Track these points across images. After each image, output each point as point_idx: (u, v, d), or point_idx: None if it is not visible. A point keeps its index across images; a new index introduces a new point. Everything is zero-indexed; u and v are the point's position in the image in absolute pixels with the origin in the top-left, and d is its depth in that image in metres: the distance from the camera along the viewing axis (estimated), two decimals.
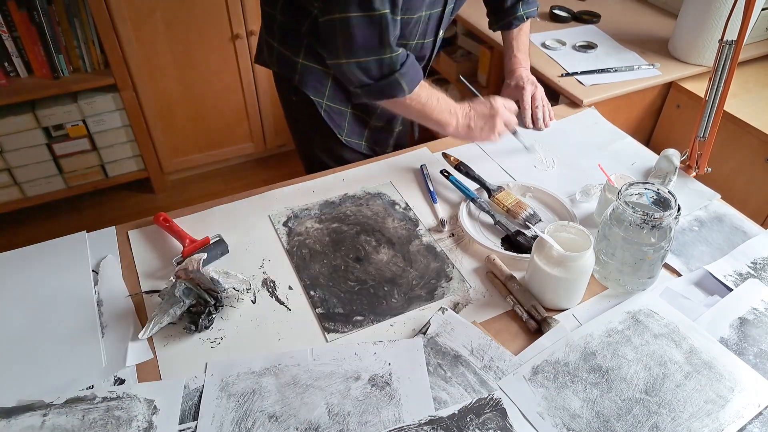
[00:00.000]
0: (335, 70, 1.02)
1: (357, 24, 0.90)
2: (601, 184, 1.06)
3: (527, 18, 1.30)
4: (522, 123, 1.25)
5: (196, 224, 1.02)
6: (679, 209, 0.83)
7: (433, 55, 1.22)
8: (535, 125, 1.28)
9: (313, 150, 1.27)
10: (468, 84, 1.26)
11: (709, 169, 1.13)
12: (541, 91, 1.28)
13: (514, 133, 1.18)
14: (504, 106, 1.12)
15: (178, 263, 0.91)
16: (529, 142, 1.21)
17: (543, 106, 1.28)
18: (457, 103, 1.09)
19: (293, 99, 1.19)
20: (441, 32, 1.16)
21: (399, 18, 0.96)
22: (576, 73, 1.49)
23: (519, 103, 1.22)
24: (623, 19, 1.80)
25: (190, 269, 0.84)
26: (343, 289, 0.91)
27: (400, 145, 1.35)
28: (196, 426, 0.72)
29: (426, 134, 1.36)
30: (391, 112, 1.26)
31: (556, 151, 1.22)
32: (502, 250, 0.96)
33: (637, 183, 0.87)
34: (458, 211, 1.04)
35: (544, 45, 1.65)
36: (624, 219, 0.84)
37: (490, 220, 1.04)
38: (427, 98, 1.04)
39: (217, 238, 0.97)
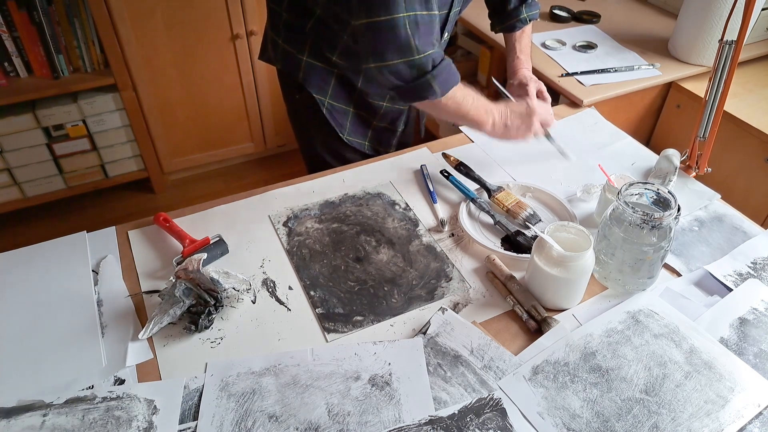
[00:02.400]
0: (368, 75, 1.02)
1: (383, 28, 0.89)
2: (601, 184, 1.06)
3: (530, 20, 1.29)
4: None
5: (196, 224, 1.02)
6: (679, 209, 0.83)
7: None
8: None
9: (316, 149, 1.27)
10: (500, 87, 1.24)
11: (709, 169, 1.13)
12: (543, 86, 1.27)
13: (548, 137, 1.16)
14: (541, 105, 1.10)
15: (178, 263, 0.91)
16: (565, 148, 1.17)
17: (547, 98, 1.26)
18: (493, 103, 1.07)
19: (296, 96, 1.20)
20: (446, 34, 1.16)
21: (436, 15, 0.95)
22: (576, 73, 1.49)
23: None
24: (623, 19, 1.80)
25: (190, 269, 0.84)
26: (343, 289, 0.91)
27: (404, 144, 1.34)
28: (196, 426, 0.72)
29: (428, 135, 1.35)
30: (396, 112, 1.26)
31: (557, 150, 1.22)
32: (502, 250, 0.96)
33: (637, 183, 0.87)
34: (458, 211, 1.04)
35: (544, 45, 1.65)
36: (624, 219, 0.84)
37: (490, 220, 1.04)
38: (462, 98, 1.02)
39: (217, 238, 0.97)
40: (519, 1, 1.26)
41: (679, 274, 0.94)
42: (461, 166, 1.13)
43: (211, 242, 0.96)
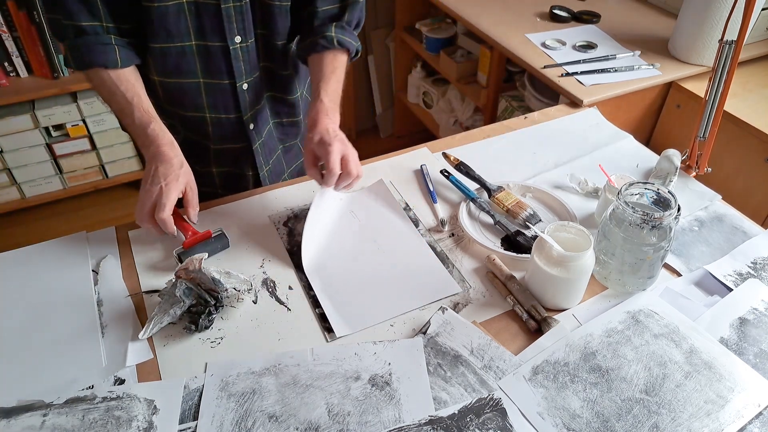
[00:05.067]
0: None
1: None
2: (601, 184, 1.06)
3: (340, 45, 1.00)
4: (325, 184, 0.94)
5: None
6: (679, 209, 0.84)
7: (239, 72, 1.01)
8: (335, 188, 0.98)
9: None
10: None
11: (709, 169, 1.13)
12: (353, 153, 0.95)
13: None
14: (144, 203, 0.87)
15: (179, 254, 0.91)
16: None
17: (352, 173, 0.94)
18: (157, 135, 0.91)
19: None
20: (237, 38, 0.96)
21: None
22: (576, 73, 1.49)
23: (324, 161, 0.92)
24: (623, 19, 1.80)
25: (191, 269, 0.84)
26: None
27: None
28: (196, 426, 0.72)
29: (428, 135, 1.33)
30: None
31: (557, 150, 1.22)
32: (502, 250, 0.96)
33: (637, 183, 0.87)
34: (458, 211, 1.04)
35: (544, 45, 1.65)
36: (624, 219, 0.84)
37: (490, 220, 1.04)
38: (100, 87, 0.93)
39: (219, 232, 0.97)
40: (328, 18, 1.01)
41: (679, 274, 0.94)
42: (461, 166, 1.13)
43: (213, 236, 0.96)
